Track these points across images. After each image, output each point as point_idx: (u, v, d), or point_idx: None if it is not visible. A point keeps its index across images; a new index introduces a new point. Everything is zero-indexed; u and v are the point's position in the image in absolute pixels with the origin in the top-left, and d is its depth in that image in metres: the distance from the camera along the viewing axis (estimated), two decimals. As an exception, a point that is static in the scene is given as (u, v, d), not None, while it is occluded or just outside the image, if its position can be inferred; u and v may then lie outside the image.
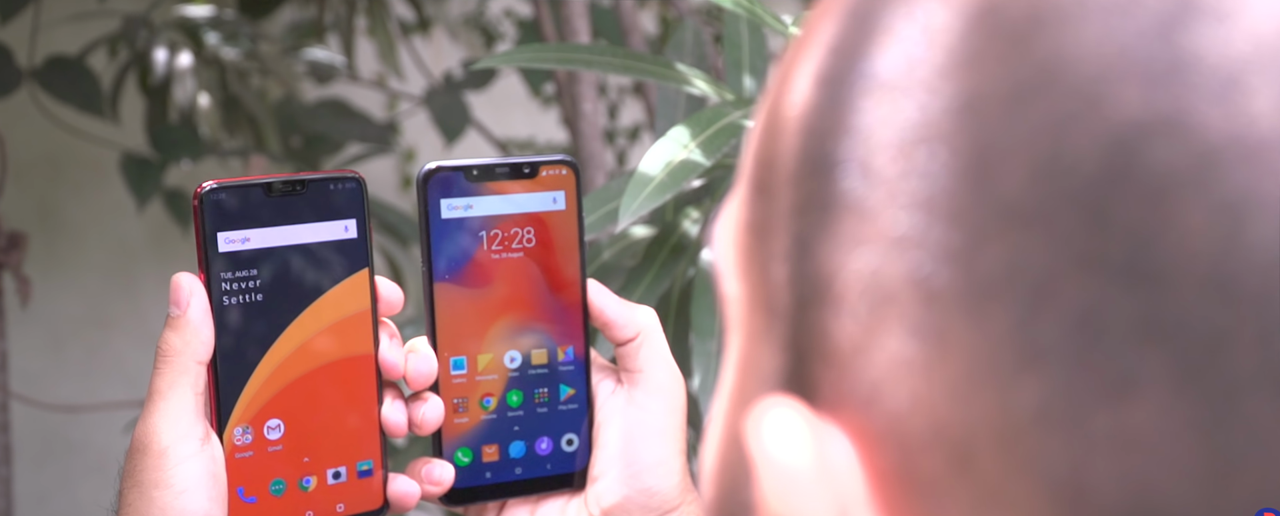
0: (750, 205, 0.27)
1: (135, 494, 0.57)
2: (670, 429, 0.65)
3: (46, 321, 2.20)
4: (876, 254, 0.22)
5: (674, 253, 0.91)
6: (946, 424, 0.21)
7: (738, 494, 0.26)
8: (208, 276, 0.59)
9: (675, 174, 0.77)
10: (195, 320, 0.58)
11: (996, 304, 0.21)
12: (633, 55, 0.90)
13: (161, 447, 0.57)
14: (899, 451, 0.22)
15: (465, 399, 0.65)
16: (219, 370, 0.59)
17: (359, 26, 2.04)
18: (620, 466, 0.64)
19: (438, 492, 0.64)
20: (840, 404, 0.23)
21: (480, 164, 0.64)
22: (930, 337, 0.21)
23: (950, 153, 0.22)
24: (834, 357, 0.23)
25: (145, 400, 0.58)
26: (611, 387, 0.67)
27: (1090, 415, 0.19)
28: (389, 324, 0.64)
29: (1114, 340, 0.19)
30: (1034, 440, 0.20)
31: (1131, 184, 0.19)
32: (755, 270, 0.27)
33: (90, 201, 2.26)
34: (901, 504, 0.22)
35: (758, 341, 0.27)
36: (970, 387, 0.21)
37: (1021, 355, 0.20)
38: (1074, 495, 0.20)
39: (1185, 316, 0.19)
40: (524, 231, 0.65)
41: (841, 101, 0.24)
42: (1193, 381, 0.19)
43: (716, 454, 0.28)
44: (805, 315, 0.24)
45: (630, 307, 0.66)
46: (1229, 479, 0.18)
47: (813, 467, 0.22)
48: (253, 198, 0.60)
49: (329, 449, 0.62)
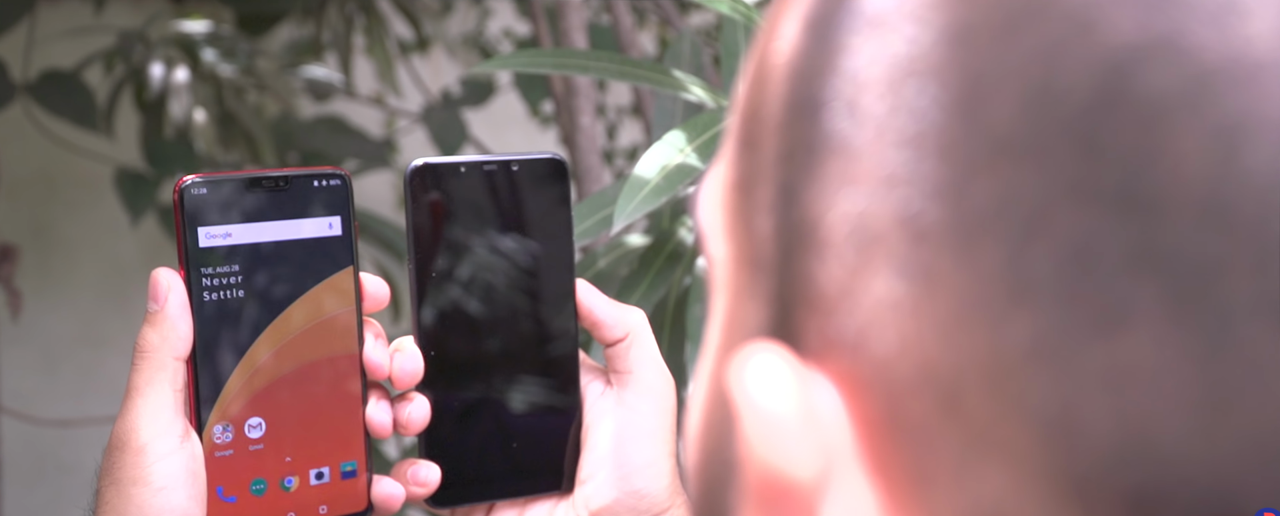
0: (736, 162, 0.26)
1: (113, 492, 0.56)
2: (660, 430, 0.63)
3: (39, 340, 2.19)
4: (864, 194, 0.22)
5: (670, 260, 0.90)
6: (934, 365, 0.20)
7: (722, 451, 0.25)
8: (187, 272, 0.58)
9: (671, 178, 0.76)
10: (173, 315, 0.57)
11: (986, 239, 0.20)
12: (629, 61, 0.89)
13: (140, 444, 0.56)
14: (886, 396, 0.21)
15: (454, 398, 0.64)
16: (198, 367, 0.58)
17: (357, 45, 2.03)
18: (610, 468, 0.63)
19: (423, 494, 0.63)
20: (826, 351, 0.22)
21: (468, 161, 0.63)
22: (918, 277, 0.21)
23: (940, 86, 0.21)
24: (819, 303, 0.22)
25: (124, 397, 0.57)
26: (601, 389, 0.65)
27: (1082, 350, 0.19)
28: (374, 323, 0.63)
29: (1106, 271, 0.18)
30: (1024, 377, 0.19)
31: (1124, 109, 0.19)
32: (741, 227, 0.26)
33: (84, 219, 2.25)
34: (889, 450, 0.21)
35: (743, 298, 0.25)
36: (959, 326, 0.20)
37: (1012, 290, 0.19)
38: (1065, 433, 0.19)
39: (1179, 244, 0.18)
40: (513, 226, 0.64)
41: (829, 42, 0.23)
42: (1187, 311, 0.18)
43: (701, 415, 0.27)
44: (791, 263, 0.23)
45: (620, 308, 0.65)
46: (1225, 410, 0.18)
47: (798, 414, 0.21)
48: (235, 192, 0.59)
49: (312, 449, 0.60)
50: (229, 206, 0.58)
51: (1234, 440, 0.17)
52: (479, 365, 0.64)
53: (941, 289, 0.20)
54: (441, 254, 0.63)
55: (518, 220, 0.64)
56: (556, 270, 0.65)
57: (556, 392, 0.65)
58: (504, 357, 0.64)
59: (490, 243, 0.63)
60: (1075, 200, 0.19)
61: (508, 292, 0.64)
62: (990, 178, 0.20)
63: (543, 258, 0.64)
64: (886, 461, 0.21)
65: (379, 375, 0.61)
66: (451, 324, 0.63)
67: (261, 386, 0.59)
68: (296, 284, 0.60)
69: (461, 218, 0.63)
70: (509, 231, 0.64)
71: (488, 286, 0.64)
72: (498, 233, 0.63)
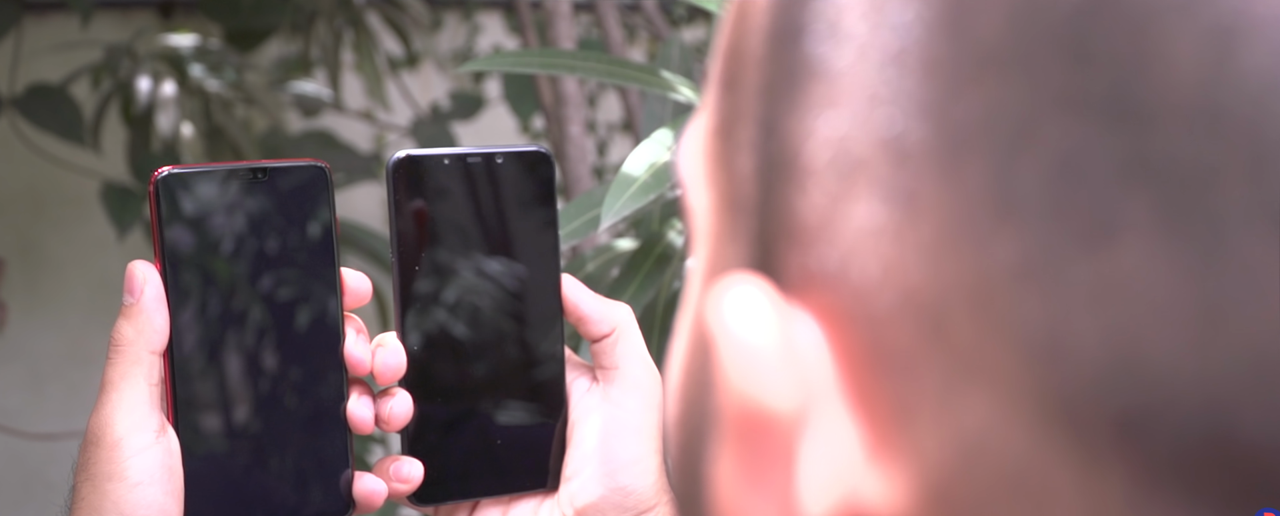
0: (717, 106, 0.25)
1: (88, 487, 0.55)
2: (646, 426, 0.62)
3: (26, 358, 2.17)
4: (845, 117, 0.21)
5: (658, 263, 0.89)
6: (918, 291, 0.19)
7: (702, 402, 0.23)
8: (164, 265, 0.57)
9: (659, 175, 0.75)
10: (149, 308, 0.56)
11: (972, 156, 0.19)
12: (618, 61, 0.88)
13: (115, 439, 0.54)
14: (868, 327, 0.20)
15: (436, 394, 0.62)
16: (175, 362, 0.57)
17: (346, 61, 2.02)
18: (595, 464, 0.62)
19: (406, 491, 0.61)
20: (807, 284, 0.21)
21: (452, 153, 0.62)
22: (901, 200, 0.20)
23: (923, 1, 0.20)
24: (800, 236, 0.21)
25: (99, 392, 0.56)
26: (586, 385, 0.64)
27: (1070, 266, 0.18)
28: (355, 318, 0.61)
29: (1096, 183, 0.18)
30: (1010, 298, 0.18)
31: (1113, 14, 0.18)
32: (721, 171, 0.25)
33: (71, 237, 2.23)
34: (871, 383, 0.20)
35: (724, 243, 0.24)
36: (943, 249, 0.19)
37: (997, 208, 0.18)
38: (1052, 354, 0.18)
39: (1171, 152, 0.17)
40: (497, 221, 0.63)
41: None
42: (1179, 221, 0.17)
43: (681, 368, 0.26)
44: (771, 198, 0.22)
45: (606, 303, 0.64)
46: (1218, 323, 0.17)
47: (777, 347, 0.20)
48: (213, 185, 0.57)
49: (292, 445, 0.59)
50: (207, 198, 0.57)
51: (1226, 354, 0.17)
52: (463, 361, 0.63)
53: (925, 211, 0.19)
54: (425, 248, 0.62)
55: (502, 213, 0.63)
56: (542, 265, 0.64)
57: (542, 389, 0.64)
58: (488, 354, 0.63)
59: (474, 236, 0.62)
60: (1063, 110, 0.18)
61: (492, 288, 0.63)
62: (976, 92, 0.19)
63: (528, 252, 0.63)
64: (868, 394, 0.20)
65: (360, 370, 0.60)
66: (435, 319, 0.62)
67: (239, 382, 0.58)
68: (276, 276, 0.58)
69: (445, 210, 0.62)
70: (493, 225, 0.63)
71: (472, 282, 0.63)
72: (482, 226, 0.62)
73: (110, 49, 1.74)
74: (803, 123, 0.22)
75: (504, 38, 2.45)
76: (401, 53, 2.19)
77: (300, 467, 0.59)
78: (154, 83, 1.72)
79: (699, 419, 0.24)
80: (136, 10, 2.23)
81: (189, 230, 0.57)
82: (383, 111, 2.14)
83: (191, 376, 0.57)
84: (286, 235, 0.59)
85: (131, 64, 1.74)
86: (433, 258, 0.62)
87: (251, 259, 0.58)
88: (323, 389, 0.60)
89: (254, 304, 0.58)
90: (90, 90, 1.85)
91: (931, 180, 0.19)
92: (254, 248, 0.58)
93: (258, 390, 0.58)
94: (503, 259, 0.63)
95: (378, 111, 2.22)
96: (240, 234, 0.58)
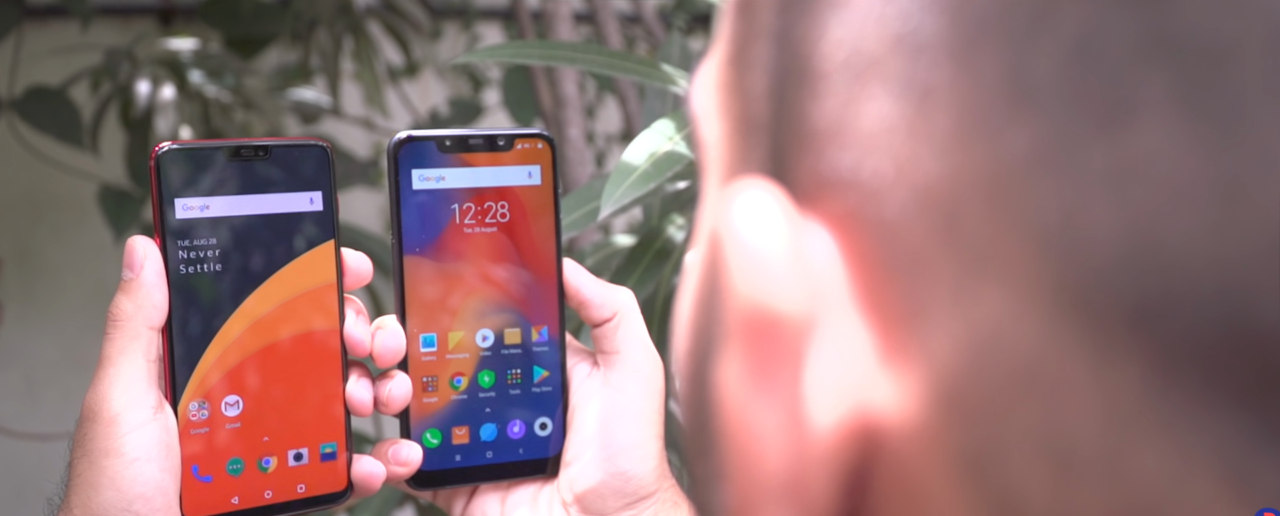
0: (730, 35, 0.25)
1: (85, 463, 0.54)
2: (648, 412, 0.62)
3: (21, 364, 2.16)
4: (858, 16, 0.21)
5: (658, 257, 0.88)
6: (931, 185, 0.19)
7: (711, 326, 0.23)
8: (164, 242, 0.56)
9: (660, 164, 0.75)
10: (149, 283, 0.56)
11: (988, 44, 0.19)
12: (618, 54, 0.88)
13: (112, 414, 0.54)
14: (880, 229, 0.20)
15: (435, 378, 0.62)
16: (174, 339, 0.56)
17: (345, 70, 2.02)
18: (595, 449, 0.62)
19: (404, 474, 0.61)
20: (819, 191, 0.21)
21: (453, 134, 0.62)
22: (915, 95, 0.19)
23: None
24: (812, 141, 0.21)
25: (96, 367, 0.55)
26: (587, 370, 0.64)
27: (1086, 151, 0.17)
28: (354, 300, 0.61)
29: (1112, 65, 0.17)
30: (1025, 188, 0.18)
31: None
32: (734, 96, 0.25)
33: (68, 243, 2.23)
34: (883, 286, 0.20)
35: (736, 165, 0.24)
36: (957, 142, 0.19)
37: (1013, 97, 0.18)
38: (1067, 242, 0.18)
39: (1189, 28, 0.17)
40: (498, 206, 0.62)
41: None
42: (1197, 99, 0.17)
43: (691, 298, 0.25)
44: (784, 110, 0.22)
45: (607, 287, 0.64)
46: (1236, 201, 0.16)
47: (786, 252, 0.20)
48: (214, 162, 0.57)
49: (290, 428, 0.59)
50: (207, 175, 0.57)
51: (1244, 233, 0.16)
52: (462, 345, 0.63)
53: (939, 104, 0.19)
54: (424, 229, 0.61)
55: (503, 195, 0.63)
56: (543, 248, 0.63)
57: (542, 373, 0.64)
58: (488, 338, 0.63)
59: (475, 218, 0.62)
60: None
61: (493, 271, 0.63)
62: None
63: (528, 235, 0.63)
64: (880, 298, 0.20)
65: (360, 352, 0.60)
66: (435, 302, 0.62)
67: (239, 362, 0.58)
68: (276, 257, 0.58)
69: (445, 192, 0.62)
70: (494, 206, 0.62)
71: (473, 263, 0.62)
72: (483, 208, 0.62)
73: (110, 53, 1.74)
74: (815, 26, 0.21)
75: (503, 47, 2.45)
76: (401, 61, 2.19)
77: (298, 450, 0.59)
78: (153, 87, 1.72)
79: (709, 330, 0.24)
80: (136, 17, 2.23)
81: (190, 206, 0.57)
82: (382, 118, 2.13)
83: (188, 356, 0.56)
84: (287, 213, 0.58)
85: (131, 68, 1.73)
86: (433, 240, 0.62)
87: (252, 238, 0.58)
88: (322, 370, 0.59)
89: (254, 284, 0.58)
90: (89, 94, 1.85)
91: (946, 72, 0.19)
92: (255, 226, 0.58)
93: (256, 370, 0.58)
94: (504, 240, 0.63)
95: (376, 118, 2.21)
96: (241, 211, 0.57)
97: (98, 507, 0.53)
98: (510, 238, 0.63)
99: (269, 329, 0.58)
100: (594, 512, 0.62)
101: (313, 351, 0.59)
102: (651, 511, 0.62)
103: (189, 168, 0.57)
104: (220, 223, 0.57)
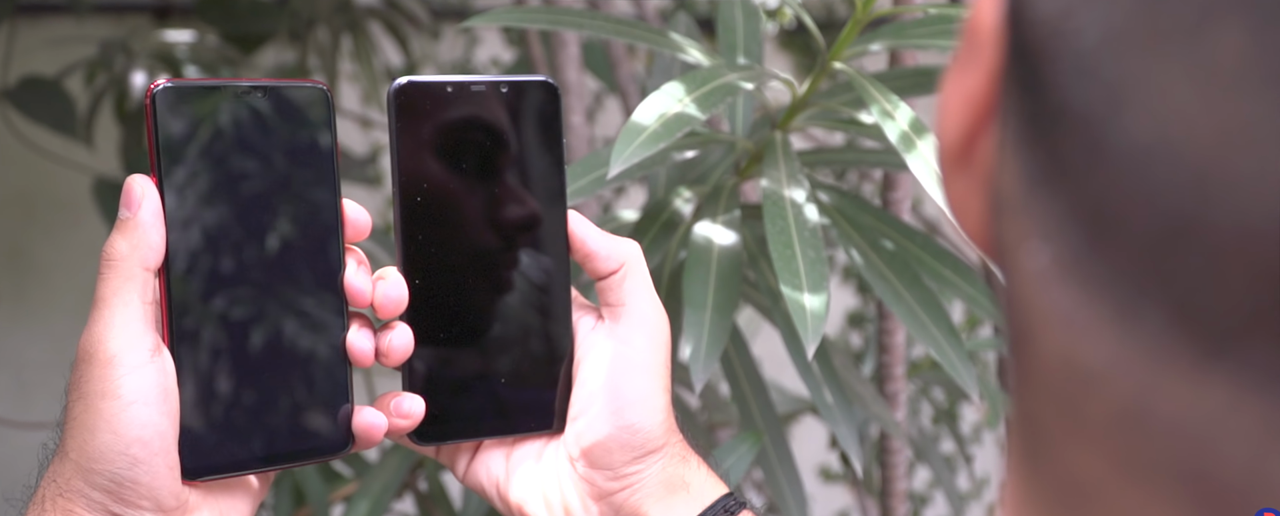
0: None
1: (81, 406, 0.52)
2: (655, 365, 0.60)
3: (12, 365, 2.14)
4: None
5: (665, 229, 0.86)
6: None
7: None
8: (161, 181, 0.54)
9: (669, 125, 0.73)
10: (146, 223, 0.54)
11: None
12: (625, 21, 0.86)
13: (108, 356, 0.52)
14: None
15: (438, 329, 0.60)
16: (171, 281, 0.54)
17: (344, 70, 2.00)
18: (602, 402, 0.60)
19: (406, 427, 0.59)
20: None
21: (455, 80, 0.60)
22: None
23: None
24: None
25: (91, 309, 0.53)
26: (592, 324, 0.62)
27: None
28: (356, 250, 0.59)
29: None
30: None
31: None
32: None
33: (60, 243, 2.21)
34: None
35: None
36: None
37: None
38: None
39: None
40: (501, 155, 0.61)
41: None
42: None
43: None
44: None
45: (614, 239, 0.62)
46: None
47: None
48: (211, 99, 0.55)
49: (290, 376, 0.57)
50: (206, 114, 0.55)
51: None
52: (466, 296, 0.61)
53: None
54: (427, 178, 0.59)
55: (507, 144, 0.61)
56: (548, 198, 0.61)
57: (547, 327, 0.62)
58: (492, 290, 0.61)
59: (478, 167, 0.60)
60: None
61: (497, 221, 0.61)
62: None
63: (533, 185, 0.61)
64: None
65: (361, 302, 0.58)
66: (438, 252, 0.60)
67: (237, 307, 0.56)
68: (275, 199, 0.56)
69: (448, 140, 0.60)
70: (498, 156, 0.61)
71: (476, 214, 0.60)
72: (485, 157, 0.60)
73: (105, 44, 1.73)
74: None
75: (501, 49, 2.44)
76: (401, 61, 2.17)
77: (298, 400, 0.57)
78: (149, 78, 1.70)
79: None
80: (130, 14, 2.21)
81: (187, 147, 0.55)
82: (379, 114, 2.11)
83: (187, 299, 0.54)
84: (286, 157, 0.57)
85: (126, 60, 1.72)
86: (434, 189, 0.60)
87: (250, 180, 0.56)
88: (322, 319, 0.57)
89: (252, 228, 0.56)
90: (84, 86, 1.83)
91: None
92: (253, 168, 0.56)
93: (255, 316, 0.56)
94: (507, 192, 0.61)
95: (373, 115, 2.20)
96: (239, 153, 0.56)
97: (94, 450, 0.51)
98: (514, 188, 0.61)
99: (268, 273, 0.56)
100: (601, 467, 0.60)
101: (313, 298, 0.57)
102: (661, 465, 0.60)
103: (185, 104, 0.55)
104: (218, 162, 0.55)
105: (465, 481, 0.63)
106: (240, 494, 0.57)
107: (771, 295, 0.87)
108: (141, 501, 0.52)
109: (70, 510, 0.52)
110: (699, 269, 0.80)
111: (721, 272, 0.80)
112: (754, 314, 1.38)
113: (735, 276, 0.80)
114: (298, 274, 0.57)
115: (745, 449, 0.87)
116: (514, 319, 0.61)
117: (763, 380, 0.91)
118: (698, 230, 0.83)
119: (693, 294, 0.79)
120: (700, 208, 0.87)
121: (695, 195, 0.89)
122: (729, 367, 0.91)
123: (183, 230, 0.54)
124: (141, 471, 0.52)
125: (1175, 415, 0.21)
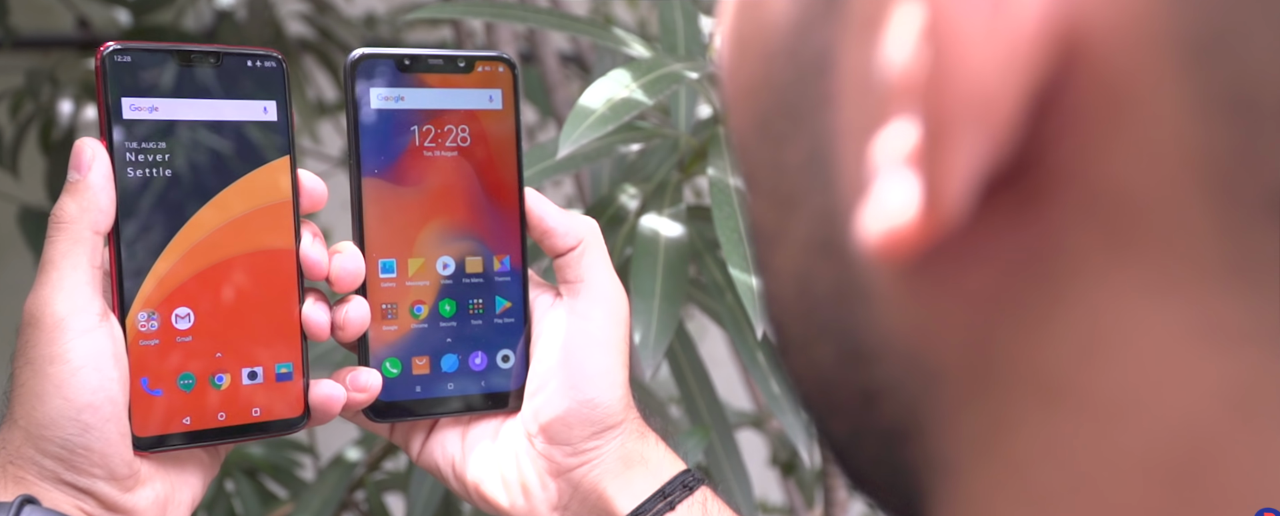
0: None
1: (29, 372, 0.51)
2: (613, 340, 0.60)
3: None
4: None
5: (611, 224, 0.86)
6: None
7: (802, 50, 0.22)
8: (110, 143, 0.54)
9: (617, 109, 0.73)
10: (95, 185, 0.53)
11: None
12: (569, 16, 0.86)
13: (55, 319, 0.51)
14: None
15: (394, 305, 0.60)
16: (121, 246, 0.53)
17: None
18: (561, 377, 0.59)
19: (363, 400, 0.58)
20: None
21: (412, 53, 0.60)
22: None
23: None
24: None
25: (38, 271, 0.52)
26: (550, 301, 0.62)
27: None
28: (311, 223, 0.59)
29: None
30: None
31: None
32: None
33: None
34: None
35: None
36: None
37: None
38: None
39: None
40: (458, 129, 0.60)
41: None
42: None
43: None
44: None
45: (571, 216, 0.62)
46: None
47: None
48: (163, 64, 0.55)
49: (244, 346, 0.56)
50: (157, 79, 0.55)
51: None
52: (422, 272, 0.60)
53: None
54: (382, 151, 0.59)
55: (464, 119, 0.61)
56: (504, 175, 0.61)
57: (504, 304, 0.61)
58: (449, 266, 0.61)
59: (435, 141, 0.60)
60: None
61: (454, 197, 0.60)
62: None
63: (489, 161, 0.61)
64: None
65: (316, 275, 0.57)
66: (394, 226, 0.59)
67: (190, 274, 0.55)
68: (228, 168, 0.56)
69: (404, 113, 0.60)
70: (455, 130, 0.60)
71: (433, 189, 0.60)
72: (443, 131, 0.60)
73: (31, 74, 1.70)
74: None
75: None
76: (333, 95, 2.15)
77: (252, 373, 0.56)
78: (76, 107, 1.68)
79: (793, 72, 0.22)
80: (56, 49, 2.18)
81: (138, 107, 0.54)
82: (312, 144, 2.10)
83: (137, 266, 0.54)
84: (240, 124, 0.56)
85: (53, 89, 1.69)
86: (391, 161, 0.59)
87: (203, 144, 0.55)
88: (277, 289, 0.57)
89: (206, 193, 0.55)
90: (9, 117, 1.80)
91: None
92: (206, 133, 0.55)
93: (209, 284, 0.55)
94: (464, 165, 0.61)
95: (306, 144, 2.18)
96: (192, 116, 0.55)
97: (44, 416, 0.50)
98: (471, 163, 0.61)
99: (223, 242, 0.55)
100: (560, 442, 0.59)
101: (268, 269, 0.57)
102: (619, 441, 0.60)
103: (137, 68, 0.54)
104: (170, 127, 0.55)
105: (419, 462, 0.62)
106: (192, 468, 0.56)
107: (717, 291, 0.88)
108: (93, 469, 0.51)
109: (21, 477, 0.51)
110: (646, 259, 0.80)
111: (669, 263, 0.80)
112: (700, 321, 1.37)
113: (683, 267, 0.80)
114: (253, 243, 0.56)
115: (693, 444, 0.87)
116: (471, 294, 0.61)
117: (709, 378, 0.91)
118: (644, 223, 0.83)
119: (641, 283, 0.79)
120: (645, 202, 0.87)
121: (640, 192, 0.89)
122: (676, 366, 0.91)
123: (131, 194, 0.54)
124: (93, 437, 0.51)
125: None
